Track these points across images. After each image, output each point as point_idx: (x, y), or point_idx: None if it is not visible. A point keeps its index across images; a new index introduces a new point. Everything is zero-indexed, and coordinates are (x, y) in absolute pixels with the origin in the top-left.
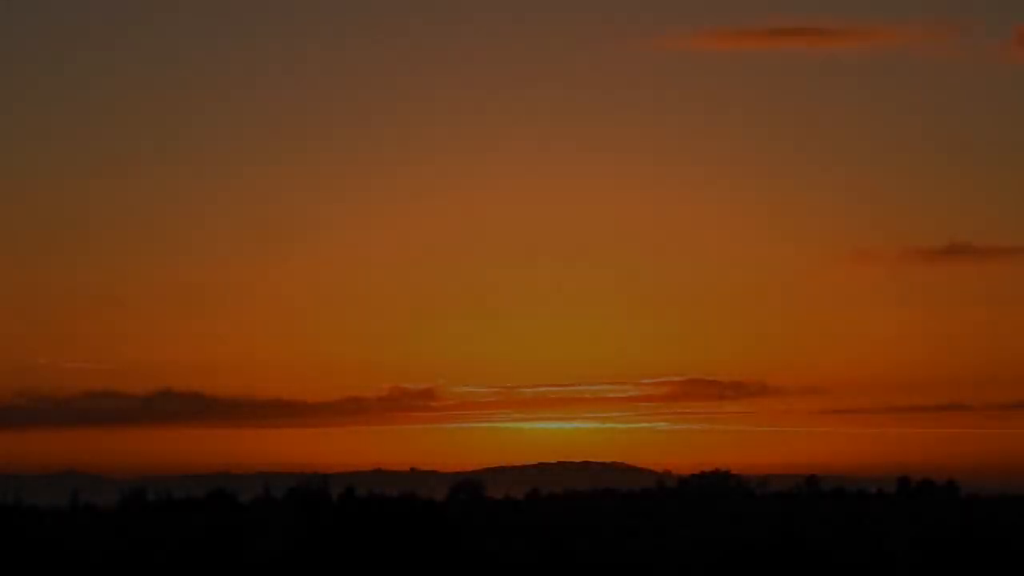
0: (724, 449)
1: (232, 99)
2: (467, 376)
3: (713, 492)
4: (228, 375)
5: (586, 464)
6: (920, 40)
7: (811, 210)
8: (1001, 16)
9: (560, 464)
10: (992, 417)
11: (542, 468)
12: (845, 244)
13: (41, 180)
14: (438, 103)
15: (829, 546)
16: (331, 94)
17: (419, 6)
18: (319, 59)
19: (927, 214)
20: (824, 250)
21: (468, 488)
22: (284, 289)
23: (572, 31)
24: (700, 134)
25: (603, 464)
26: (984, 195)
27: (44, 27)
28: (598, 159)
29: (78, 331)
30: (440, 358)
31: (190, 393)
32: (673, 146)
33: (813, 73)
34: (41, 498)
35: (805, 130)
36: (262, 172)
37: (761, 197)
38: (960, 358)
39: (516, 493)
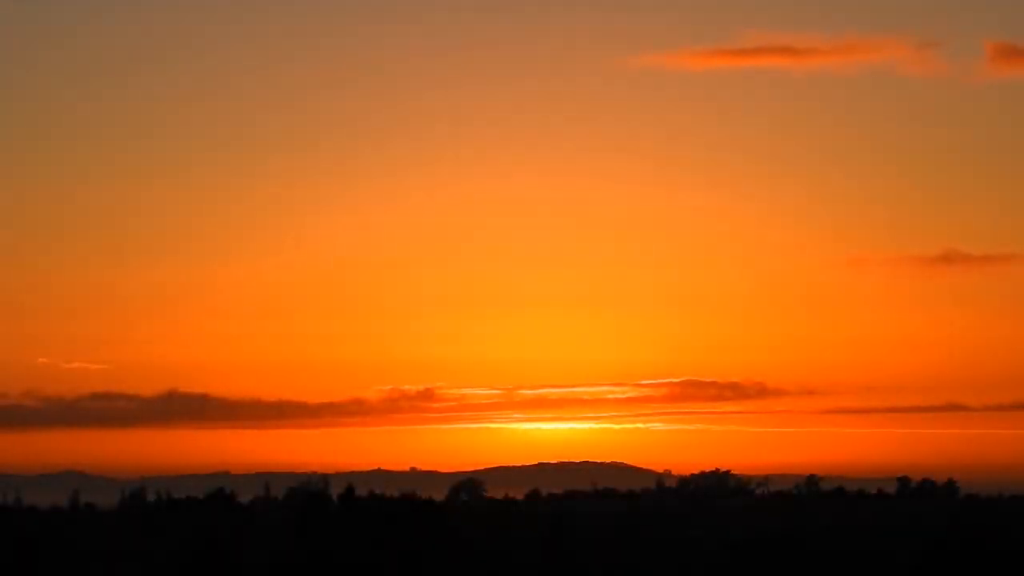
0: (724, 449)
1: (236, 100)
2: (467, 377)
3: (713, 492)
4: (232, 377)
5: (586, 464)
6: (899, 56)
7: (811, 218)
8: (974, 32)
9: (560, 464)
10: (990, 418)
11: (542, 468)
12: (843, 251)
13: (53, 182)
14: (438, 108)
15: (829, 546)
16: (332, 94)
17: (416, 10)
18: (323, 64)
19: (923, 223)
20: (823, 257)
21: (468, 488)
22: (286, 292)
23: (573, 45)
24: (698, 144)
25: (603, 464)
26: (976, 205)
27: (45, 30)
28: (595, 165)
29: (81, 332)
30: (440, 359)
31: (196, 395)
32: (671, 154)
33: (812, 87)
34: (42, 498)
35: (804, 141)
36: (266, 177)
37: (761, 204)
38: (957, 361)
39: (516, 493)
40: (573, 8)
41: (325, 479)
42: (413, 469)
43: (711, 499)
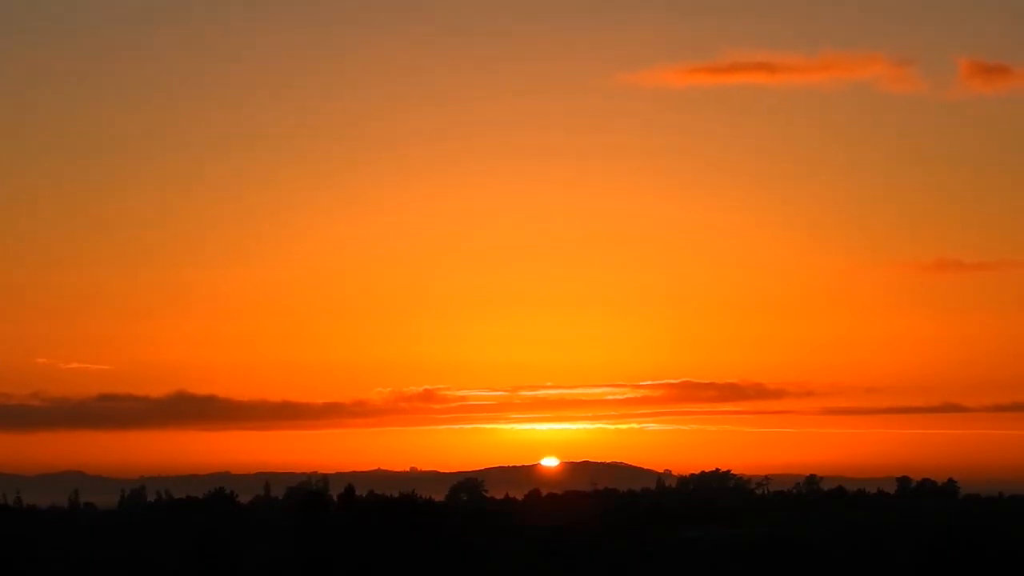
0: (723, 449)
1: (244, 107)
2: (467, 378)
3: (713, 492)
4: (238, 379)
5: (586, 464)
6: (876, 73)
7: (808, 225)
8: (948, 50)
9: (561, 464)
10: (989, 418)
11: (542, 468)
12: (841, 258)
13: (54, 183)
14: (438, 118)
15: (829, 546)
16: (337, 103)
17: (417, 10)
18: (328, 73)
19: (919, 232)
20: (820, 263)
21: (468, 488)
22: (290, 295)
23: (571, 62)
24: (695, 155)
25: (603, 464)
26: (968, 215)
27: (48, 32)
28: (592, 174)
29: (82, 333)
30: (441, 361)
31: (204, 396)
32: (669, 164)
33: (793, 103)
34: (42, 498)
35: (794, 153)
36: (273, 181)
37: (761, 211)
38: (954, 363)
39: (516, 493)
40: (566, 30)
41: (325, 479)
42: (413, 469)
43: (711, 499)
